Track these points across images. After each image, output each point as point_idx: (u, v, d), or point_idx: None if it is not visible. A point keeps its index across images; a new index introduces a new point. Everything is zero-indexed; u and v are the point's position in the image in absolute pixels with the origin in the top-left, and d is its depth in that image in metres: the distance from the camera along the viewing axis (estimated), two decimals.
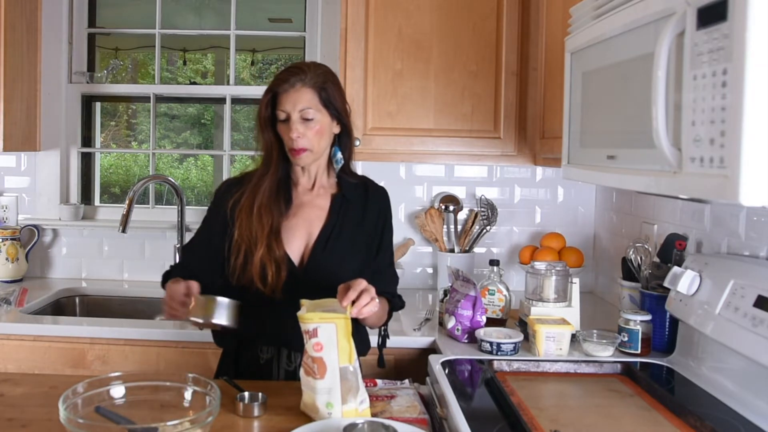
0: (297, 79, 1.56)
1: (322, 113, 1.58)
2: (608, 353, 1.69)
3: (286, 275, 1.57)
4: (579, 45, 1.55)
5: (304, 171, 1.68)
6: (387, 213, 1.72)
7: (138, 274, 2.73)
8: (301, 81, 1.56)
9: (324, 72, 1.61)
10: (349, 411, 1.29)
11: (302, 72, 1.57)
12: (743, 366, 1.39)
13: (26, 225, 2.69)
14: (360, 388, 1.31)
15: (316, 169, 1.68)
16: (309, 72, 1.57)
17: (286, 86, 1.56)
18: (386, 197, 1.74)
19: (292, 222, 1.64)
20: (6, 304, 2.29)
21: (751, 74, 0.91)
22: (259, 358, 1.63)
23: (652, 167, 1.17)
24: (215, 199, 1.70)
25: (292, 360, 1.63)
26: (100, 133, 3.17)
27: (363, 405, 1.32)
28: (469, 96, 2.29)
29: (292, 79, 1.56)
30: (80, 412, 1.18)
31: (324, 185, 1.69)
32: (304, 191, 1.68)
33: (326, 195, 1.68)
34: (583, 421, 1.30)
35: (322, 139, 1.60)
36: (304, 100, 1.56)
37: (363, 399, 1.32)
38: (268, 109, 1.59)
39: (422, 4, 2.28)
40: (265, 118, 1.60)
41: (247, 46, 4.64)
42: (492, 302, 1.97)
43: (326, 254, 1.61)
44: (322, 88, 1.57)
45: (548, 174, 2.65)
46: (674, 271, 1.61)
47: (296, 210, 1.65)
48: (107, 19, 3.05)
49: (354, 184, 1.70)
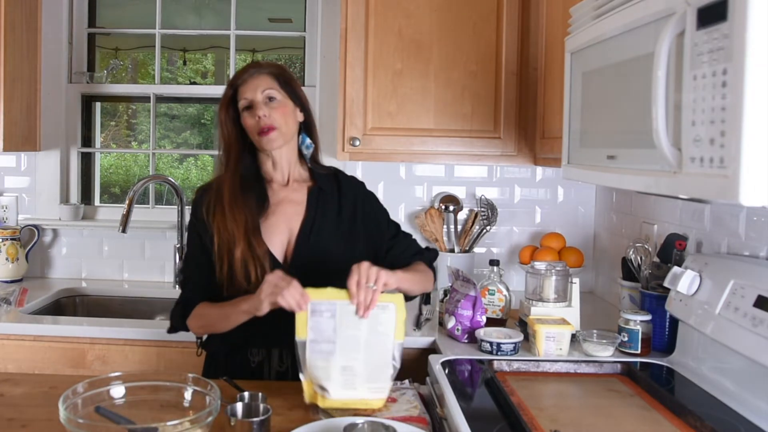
0: (254, 69, 1.64)
1: (283, 95, 1.63)
2: (608, 353, 1.69)
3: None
4: (579, 45, 1.55)
5: (276, 166, 1.67)
6: (367, 198, 1.74)
7: (138, 274, 2.73)
8: (258, 70, 1.64)
9: (279, 65, 1.69)
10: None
11: (258, 65, 1.66)
12: (743, 366, 1.39)
13: (26, 225, 2.69)
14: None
15: (288, 163, 1.68)
16: (264, 65, 1.66)
17: (245, 76, 1.63)
18: (360, 184, 1.77)
19: (272, 220, 1.63)
20: (6, 304, 2.29)
21: (751, 74, 0.91)
22: (250, 362, 1.63)
23: (652, 167, 1.17)
24: (193, 208, 1.69)
25: (283, 361, 1.63)
26: (100, 133, 3.16)
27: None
28: (469, 96, 2.29)
29: (250, 70, 1.64)
30: (80, 412, 1.18)
31: (298, 179, 1.70)
32: (279, 188, 1.68)
33: (302, 189, 1.69)
34: (583, 421, 1.30)
35: (288, 119, 1.63)
36: (264, 83, 1.62)
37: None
38: (230, 107, 1.63)
39: (422, 4, 2.28)
40: (225, 115, 1.63)
41: (247, 46, 4.63)
42: (492, 302, 1.97)
43: (309, 249, 1.61)
44: (278, 75, 1.65)
45: (548, 174, 2.65)
46: (674, 271, 1.61)
47: (274, 208, 1.65)
48: (107, 19, 3.05)
49: (326, 176, 1.73)
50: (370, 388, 1.37)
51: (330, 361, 1.36)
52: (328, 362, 1.36)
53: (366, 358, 1.37)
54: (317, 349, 1.36)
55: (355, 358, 1.37)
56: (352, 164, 2.64)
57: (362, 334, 1.37)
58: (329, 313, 1.37)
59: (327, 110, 2.65)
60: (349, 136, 2.29)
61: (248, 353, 1.63)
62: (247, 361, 1.63)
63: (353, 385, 1.36)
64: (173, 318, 1.67)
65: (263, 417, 1.23)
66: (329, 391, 1.36)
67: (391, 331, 1.38)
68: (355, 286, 1.37)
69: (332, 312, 1.37)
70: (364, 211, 1.71)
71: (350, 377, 1.36)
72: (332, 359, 1.36)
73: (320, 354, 1.36)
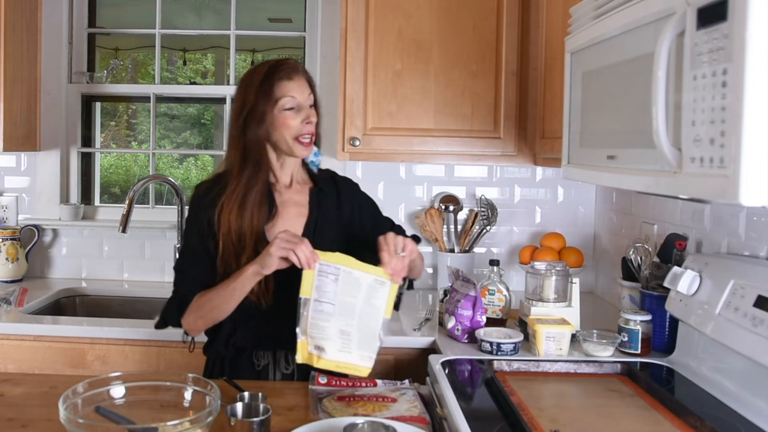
0: (298, 68, 1.60)
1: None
2: (608, 353, 1.69)
3: (273, 278, 1.52)
4: (579, 45, 1.55)
5: (284, 168, 1.66)
6: (363, 199, 1.75)
7: (138, 274, 2.73)
8: (299, 72, 1.59)
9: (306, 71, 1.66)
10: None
11: (296, 64, 1.61)
12: (743, 366, 1.39)
13: (26, 225, 2.69)
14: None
15: (295, 164, 1.67)
16: (300, 66, 1.62)
17: (292, 74, 1.57)
18: (355, 185, 1.77)
19: (278, 222, 1.61)
20: (6, 304, 2.29)
21: (751, 74, 0.91)
22: (255, 365, 1.62)
23: (652, 167, 1.17)
24: (196, 203, 1.63)
25: (289, 363, 1.63)
26: (100, 133, 3.17)
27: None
28: (469, 96, 2.29)
29: (297, 67, 1.59)
30: (80, 412, 1.18)
31: (299, 181, 1.69)
32: (283, 189, 1.66)
33: (303, 190, 1.68)
34: (583, 421, 1.30)
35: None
36: (307, 87, 1.60)
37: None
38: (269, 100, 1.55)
39: (422, 4, 2.28)
40: (263, 111, 1.55)
41: (247, 46, 4.64)
42: (492, 302, 1.97)
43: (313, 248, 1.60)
44: (311, 81, 1.63)
45: (548, 174, 2.65)
46: (674, 271, 1.61)
47: (280, 210, 1.62)
48: (107, 19, 3.05)
49: (324, 178, 1.72)
50: (361, 355, 1.43)
51: (330, 322, 1.42)
52: (329, 323, 1.41)
53: (359, 326, 1.43)
54: (319, 308, 1.41)
55: (350, 324, 1.42)
56: (353, 164, 2.64)
57: (358, 303, 1.43)
58: (334, 276, 1.42)
59: (327, 110, 2.64)
60: (349, 136, 2.29)
61: (254, 356, 1.63)
62: (252, 365, 1.62)
63: (348, 349, 1.42)
64: (168, 312, 1.60)
65: (263, 417, 1.23)
66: (327, 350, 1.40)
67: (383, 305, 1.44)
68: (388, 256, 1.43)
69: (336, 276, 1.42)
70: (361, 211, 1.72)
71: (346, 341, 1.42)
72: (332, 320, 1.41)
73: (322, 314, 1.41)
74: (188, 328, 1.60)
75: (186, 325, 1.59)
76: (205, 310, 1.54)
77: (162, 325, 1.63)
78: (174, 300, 1.60)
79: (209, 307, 1.53)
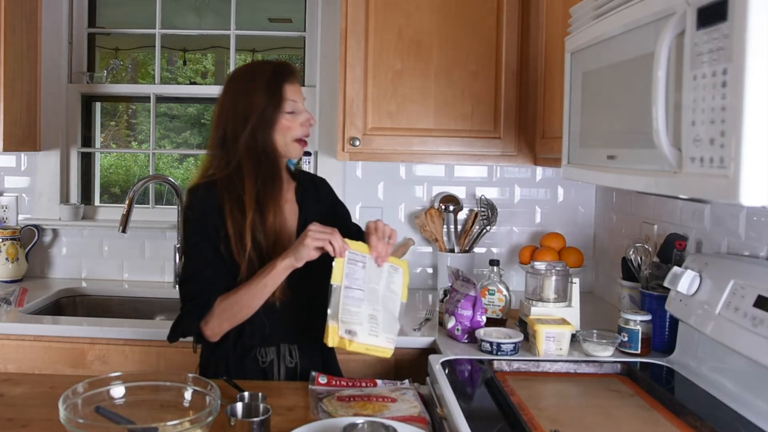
0: (295, 71, 1.66)
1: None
2: (608, 353, 1.69)
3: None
4: (579, 45, 1.55)
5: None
6: (333, 195, 1.83)
7: (138, 274, 2.74)
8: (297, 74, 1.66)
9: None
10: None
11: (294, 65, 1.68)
12: (743, 366, 1.39)
13: (26, 225, 2.69)
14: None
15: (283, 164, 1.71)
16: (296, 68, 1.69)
17: (292, 78, 1.64)
18: (326, 183, 1.85)
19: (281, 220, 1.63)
20: (6, 304, 2.29)
21: (751, 74, 0.91)
22: (260, 362, 1.62)
23: (652, 167, 1.17)
24: (197, 209, 1.58)
25: (293, 356, 1.63)
26: (100, 133, 3.17)
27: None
28: (469, 96, 2.29)
29: (294, 69, 1.65)
30: (80, 412, 1.18)
31: (285, 179, 1.71)
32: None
33: (290, 188, 1.72)
34: (583, 421, 1.30)
35: None
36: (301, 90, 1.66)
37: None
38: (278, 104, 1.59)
39: (422, 4, 2.28)
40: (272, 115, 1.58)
41: (247, 46, 4.64)
42: (492, 302, 1.97)
43: None
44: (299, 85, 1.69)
45: (548, 174, 2.65)
46: (674, 271, 1.61)
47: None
48: (107, 19, 3.05)
49: (302, 174, 1.80)
50: (386, 338, 1.48)
51: (361, 307, 1.47)
52: (360, 308, 1.47)
53: (383, 311, 1.50)
54: (350, 294, 1.46)
55: (377, 308, 1.49)
56: (353, 164, 2.64)
57: (380, 289, 1.52)
58: (362, 264, 1.50)
59: (327, 110, 2.65)
60: (349, 136, 2.29)
61: (258, 353, 1.62)
62: (256, 362, 1.62)
63: (376, 332, 1.47)
64: (185, 322, 1.55)
65: (263, 417, 1.23)
66: (358, 334, 1.44)
67: (399, 290, 1.55)
68: (376, 240, 1.52)
69: (363, 263, 1.50)
70: (335, 205, 1.81)
71: (374, 325, 1.47)
72: (363, 306, 1.47)
73: (353, 300, 1.46)
74: (210, 333, 1.55)
75: (209, 331, 1.54)
76: (233, 311, 1.52)
77: (175, 338, 1.59)
78: (192, 310, 1.54)
79: (238, 307, 1.51)
